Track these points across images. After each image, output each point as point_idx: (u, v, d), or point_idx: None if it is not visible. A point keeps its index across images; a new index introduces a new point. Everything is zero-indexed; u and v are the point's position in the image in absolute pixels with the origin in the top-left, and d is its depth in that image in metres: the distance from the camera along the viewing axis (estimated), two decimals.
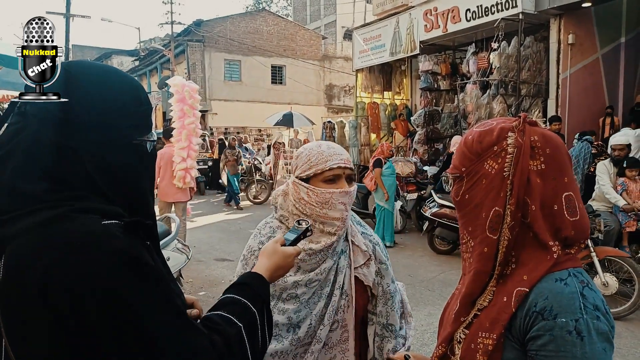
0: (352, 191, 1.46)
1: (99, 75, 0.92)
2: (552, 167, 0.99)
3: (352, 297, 1.46)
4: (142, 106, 0.96)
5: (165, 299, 0.85)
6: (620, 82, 10.03)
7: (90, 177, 0.87)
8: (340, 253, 1.49)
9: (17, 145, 0.84)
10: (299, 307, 1.42)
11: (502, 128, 1.03)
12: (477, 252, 1.03)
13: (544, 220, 0.98)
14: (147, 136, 0.97)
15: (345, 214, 1.44)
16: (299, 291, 1.43)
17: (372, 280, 1.50)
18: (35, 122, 0.85)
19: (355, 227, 1.57)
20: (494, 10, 9.29)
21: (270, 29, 25.95)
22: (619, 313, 4.76)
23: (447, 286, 5.77)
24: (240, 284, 1.05)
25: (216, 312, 0.97)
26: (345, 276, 1.47)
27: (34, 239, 0.80)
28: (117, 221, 0.85)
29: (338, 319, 1.45)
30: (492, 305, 1.01)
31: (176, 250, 4.83)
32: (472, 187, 1.05)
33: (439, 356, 1.10)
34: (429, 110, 11.44)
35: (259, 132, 24.99)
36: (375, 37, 12.98)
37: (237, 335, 0.92)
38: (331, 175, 1.43)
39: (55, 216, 0.81)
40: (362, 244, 1.52)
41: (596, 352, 0.88)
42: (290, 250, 1.17)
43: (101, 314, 0.78)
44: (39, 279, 0.78)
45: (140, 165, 0.96)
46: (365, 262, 1.51)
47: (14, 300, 0.81)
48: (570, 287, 0.93)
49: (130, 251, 0.82)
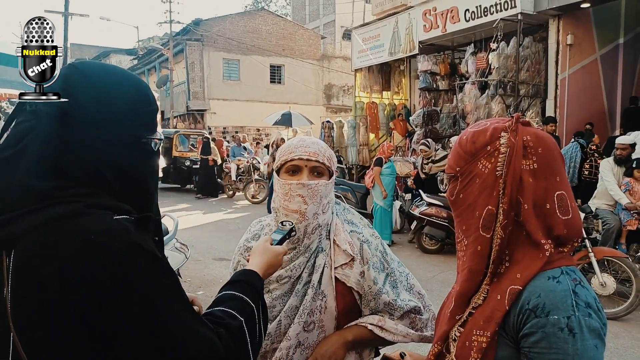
0: (314, 184, 1.39)
1: (109, 75, 0.95)
2: (544, 166, 1.00)
3: (330, 299, 1.41)
4: (150, 106, 0.99)
5: (178, 290, 0.89)
6: (619, 83, 10.06)
7: (100, 175, 0.89)
8: (319, 251, 1.44)
9: (30, 143, 0.86)
10: (272, 303, 1.40)
11: (495, 128, 1.04)
12: (470, 250, 1.04)
13: (537, 219, 0.98)
14: (154, 135, 1.00)
15: (304, 207, 1.38)
16: (271, 287, 1.41)
17: (357, 282, 1.43)
18: (47, 120, 0.87)
19: (342, 226, 1.51)
20: (493, 11, 9.31)
21: (269, 29, 25.96)
22: (616, 313, 4.78)
23: (446, 286, 5.78)
24: (237, 281, 1.09)
25: (218, 307, 1.00)
26: (322, 275, 1.41)
27: (48, 234, 0.82)
28: (128, 217, 0.88)
29: (314, 320, 1.40)
30: (486, 304, 1.02)
31: (174, 249, 4.83)
32: (466, 187, 1.06)
33: (435, 354, 1.11)
34: (428, 110, 11.45)
35: (258, 132, 24.99)
36: (374, 37, 13.00)
37: (239, 328, 0.96)
38: (292, 167, 1.42)
39: (68, 212, 0.83)
40: (344, 243, 1.46)
41: (587, 349, 0.89)
42: (279, 249, 1.23)
43: (120, 305, 0.81)
44: (57, 274, 0.80)
45: (148, 164, 0.99)
46: (348, 263, 1.44)
47: (29, 295, 0.82)
48: (563, 284, 0.94)
49: (144, 245, 0.85)
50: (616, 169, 5.91)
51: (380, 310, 1.46)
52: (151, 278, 0.84)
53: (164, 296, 0.85)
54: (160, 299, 0.84)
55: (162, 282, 0.86)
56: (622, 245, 5.68)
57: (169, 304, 0.85)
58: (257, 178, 13.36)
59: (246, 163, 13.59)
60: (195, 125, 23.97)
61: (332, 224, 1.48)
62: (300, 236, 1.40)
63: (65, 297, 0.79)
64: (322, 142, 1.50)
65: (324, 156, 1.43)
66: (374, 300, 1.45)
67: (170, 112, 24.67)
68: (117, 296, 0.80)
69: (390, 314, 1.46)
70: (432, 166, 7.93)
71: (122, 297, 0.81)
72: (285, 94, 25.16)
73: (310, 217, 1.40)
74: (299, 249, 1.42)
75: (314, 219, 1.40)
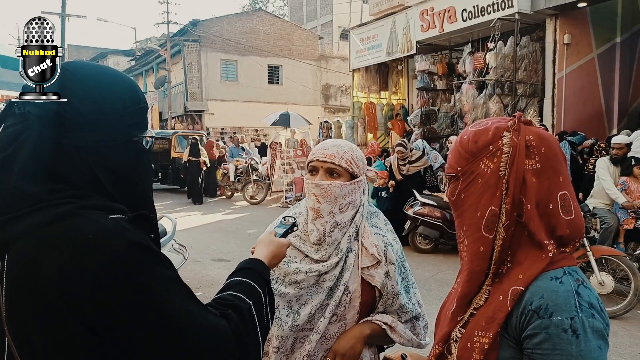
0: (326, 185, 1.47)
1: (97, 74, 0.94)
2: (547, 166, 0.99)
3: (355, 295, 1.48)
4: (139, 104, 0.98)
5: (179, 281, 0.90)
6: (616, 82, 10.08)
7: (93, 176, 0.89)
8: (349, 251, 1.51)
9: (21, 147, 0.85)
10: (299, 292, 1.48)
11: (497, 127, 1.03)
12: (472, 251, 1.04)
13: (540, 219, 0.98)
14: (145, 133, 1.00)
15: (317, 205, 1.48)
16: (299, 277, 1.48)
17: (382, 282, 1.51)
18: (37, 123, 0.86)
19: (369, 228, 1.57)
20: (490, 10, 9.32)
21: (266, 29, 25.94)
22: (614, 312, 4.78)
23: (445, 285, 5.78)
24: (244, 269, 1.11)
25: (227, 292, 1.02)
26: (351, 274, 1.49)
27: (43, 237, 0.82)
28: (123, 216, 0.88)
29: (337, 313, 1.48)
30: (488, 304, 1.01)
31: (173, 250, 4.82)
32: (468, 187, 1.05)
33: (436, 355, 1.11)
34: (426, 110, 11.46)
35: (256, 132, 24.98)
36: (372, 37, 13.01)
37: (248, 310, 0.98)
38: (311, 167, 1.53)
39: (62, 214, 0.83)
40: (371, 247, 1.52)
41: (591, 350, 0.89)
42: (283, 241, 1.28)
43: (123, 303, 0.81)
44: (54, 277, 0.79)
45: (140, 162, 0.99)
46: (374, 265, 1.51)
47: (24, 299, 0.81)
48: (566, 285, 0.94)
49: (142, 241, 0.85)
50: (612, 168, 5.94)
51: (393, 311, 1.54)
52: (152, 272, 0.84)
53: (166, 288, 0.85)
54: (162, 291, 0.84)
55: (163, 274, 0.86)
56: (621, 245, 5.69)
57: (172, 295, 0.86)
58: (256, 179, 13.35)
59: (244, 164, 13.57)
60: (194, 126, 23.91)
61: (360, 226, 1.55)
62: (323, 233, 1.48)
63: (64, 300, 0.79)
64: (347, 145, 1.56)
65: (341, 158, 1.49)
66: (392, 299, 1.53)
67: (168, 113, 24.64)
68: (118, 295, 0.80)
69: (399, 316, 1.54)
70: (409, 167, 7.97)
71: (124, 296, 0.80)
72: (283, 94, 25.15)
73: (325, 215, 1.49)
74: (324, 246, 1.49)
75: (330, 217, 1.49)
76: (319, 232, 1.48)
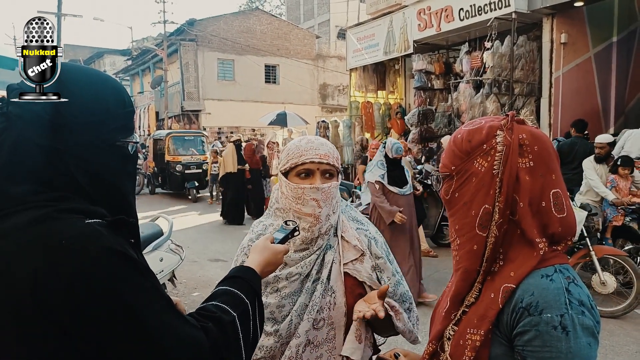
0: (327, 187, 1.41)
1: (83, 77, 0.93)
2: (540, 164, 1.00)
3: (338, 294, 1.42)
4: (125, 108, 0.97)
5: (157, 290, 0.87)
6: (612, 81, 10.10)
7: (73, 178, 0.88)
8: (327, 248, 1.45)
9: (0, 147, 0.84)
10: (281, 302, 1.41)
11: (491, 126, 1.03)
12: (465, 249, 1.04)
13: (532, 217, 0.98)
14: (130, 138, 0.98)
15: (318, 210, 1.40)
16: (280, 285, 1.41)
17: (369, 276, 1.45)
18: (19, 123, 0.85)
19: (348, 223, 1.52)
20: (487, 10, 9.33)
21: (263, 28, 25.90)
22: (613, 312, 4.80)
23: (442, 285, 5.79)
24: (233, 277, 1.08)
25: (211, 302, 0.99)
26: (331, 271, 1.43)
27: (20, 239, 0.81)
28: (100, 220, 0.86)
29: (324, 317, 1.41)
30: (480, 302, 1.02)
31: (169, 250, 4.81)
32: (462, 186, 1.05)
33: (429, 353, 1.11)
34: (423, 109, 11.46)
35: (253, 132, 24.96)
36: (369, 37, 13.00)
37: (231, 323, 0.95)
38: (304, 170, 1.42)
39: (40, 217, 0.82)
40: (353, 239, 1.47)
41: (581, 347, 0.89)
42: (279, 247, 1.21)
43: (97, 310, 0.79)
44: (28, 280, 0.78)
45: (123, 167, 0.98)
46: (358, 258, 1.46)
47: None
48: (556, 283, 0.94)
49: (116, 247, 0.83)
50: (598, 167, 6.03)
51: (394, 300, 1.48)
52: (127, 280, 0.82)
53: (142, 297, 0.83)
54: (138, 300, 0.82)
55: (138, 283, 0.84)
56: (609, 240, 5.75)
57: (147, 304, 0.84)
58: None
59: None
60: (190, 126, 23.87)
61: (338, 221, 1.50)
62: (314, 238, 1.42)
63: (37, 303, 0.78)
64: (329, 142, 1.51)
65: (333, 157, 1.45)
66: (393, 289, 1.47)
67: (164, 112, 24.60)
68: (92, 302, 0.79)
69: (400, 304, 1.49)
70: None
71: (98, 303, 0.79)
72: (280, 93, 25.11)
73: (324, 219, 1.42)
74: (312, 249, 1.43)
75: (327, 220, 1.42)
76: (312, 234, 1.42)
